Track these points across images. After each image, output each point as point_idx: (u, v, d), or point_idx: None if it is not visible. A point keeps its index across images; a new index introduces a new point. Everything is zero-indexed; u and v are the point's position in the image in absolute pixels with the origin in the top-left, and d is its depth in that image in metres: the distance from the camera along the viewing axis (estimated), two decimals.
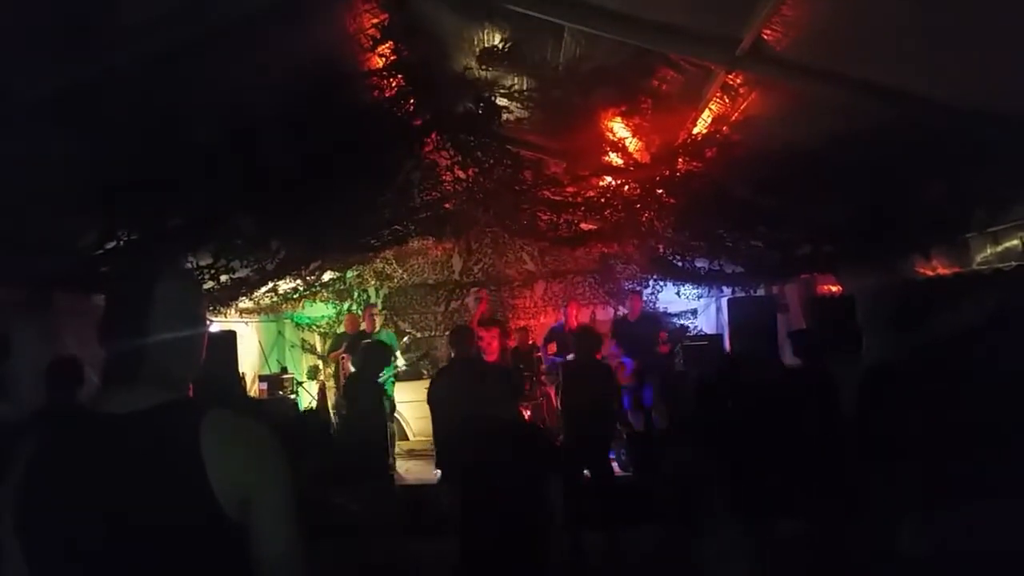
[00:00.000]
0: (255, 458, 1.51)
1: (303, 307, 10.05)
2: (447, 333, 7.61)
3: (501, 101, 5.56)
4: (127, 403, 1.47)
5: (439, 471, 5.75)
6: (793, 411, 4.49)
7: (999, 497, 2.78)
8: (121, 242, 5.28)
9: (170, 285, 1.61)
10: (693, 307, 10.26)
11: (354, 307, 10.30)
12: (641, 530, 5.92)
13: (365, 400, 6.37)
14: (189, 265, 5.78)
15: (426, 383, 10.31)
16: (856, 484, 3.79)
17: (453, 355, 5.82)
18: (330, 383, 9.95)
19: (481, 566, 3.35)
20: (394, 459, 8.17)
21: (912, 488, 3.11)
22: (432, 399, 5.39)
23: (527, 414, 9.17)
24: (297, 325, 10.60)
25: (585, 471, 6.31)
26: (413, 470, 8.58)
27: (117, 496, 1.40)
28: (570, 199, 6.33)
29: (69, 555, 1.40)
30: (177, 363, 1.60)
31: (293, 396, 9.14)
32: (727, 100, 4.66)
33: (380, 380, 6.77)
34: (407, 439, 10.22)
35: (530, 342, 9.80)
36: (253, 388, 8.88)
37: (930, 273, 5.14)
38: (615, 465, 7.57)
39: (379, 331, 9.19)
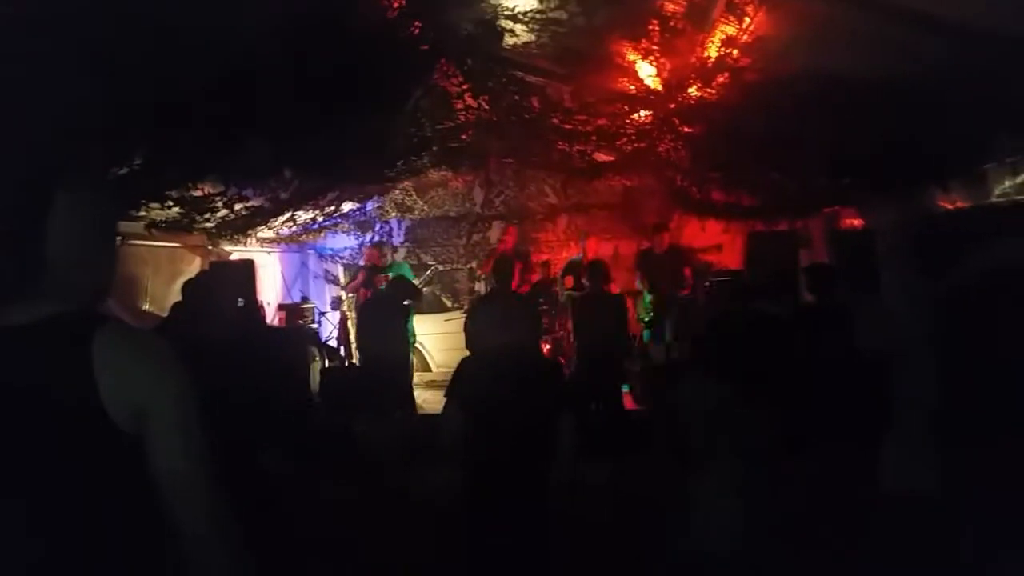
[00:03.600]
0: (150, 369, 1.48)
1: (325, 238, 10.10)
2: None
3: (505, 24, 5.37)
4: (20, 316, 1.44)
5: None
6: (806, 346, 4.39)
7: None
8: (131, 166, 5.31)
9: (74, 195, 1.55)
10: (718, 243, 10.03)
11: (375, 239, 10.29)
12: (643, 464, 5.92)
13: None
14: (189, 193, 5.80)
15: (447, 315, 10.50)
16: (869, 422, 3.72)
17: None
18: (351, 314, 10.05)
19: (485, 497, 3.32)
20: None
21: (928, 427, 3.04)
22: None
23: (547, 348, 9.19)
24: (320, 256, 10.67)
25: (593, 404, 6.33)
26: (432, 401, 8.66)
27: (4, 408, 1.38)
28: (580, 128, 6.15)
29: None
30: (80, 276, 1.56)
31: (315, 326, 9.28)
32: (734, 21, 4.45)
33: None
34: (429, 370, 10.36)
35: (552, 275, 9.77)
36: (273, 317, 9.01)
37: (950, 206, 4.92)
38: (629, 398, 7.57)
39: (393, 264, 9.19)
